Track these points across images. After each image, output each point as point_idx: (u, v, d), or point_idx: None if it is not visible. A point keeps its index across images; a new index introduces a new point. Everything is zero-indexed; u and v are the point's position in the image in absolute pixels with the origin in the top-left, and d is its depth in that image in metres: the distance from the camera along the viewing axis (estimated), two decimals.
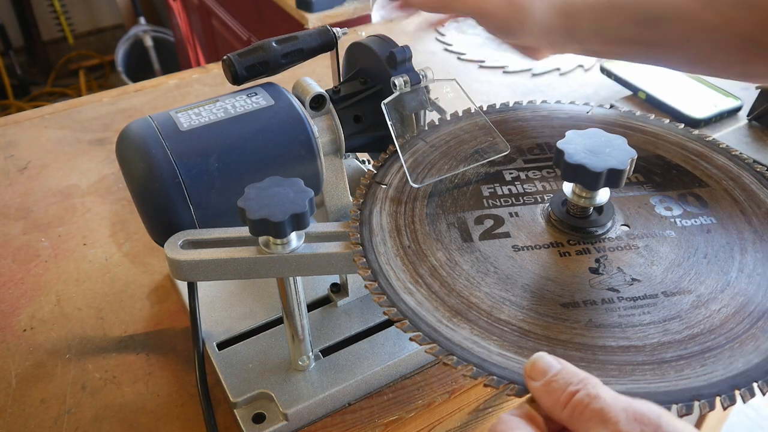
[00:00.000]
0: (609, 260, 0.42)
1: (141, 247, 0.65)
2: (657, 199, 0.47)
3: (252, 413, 0.47)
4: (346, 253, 0.42)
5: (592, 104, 0.58)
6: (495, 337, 0.37)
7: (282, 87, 0.50)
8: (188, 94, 0.91)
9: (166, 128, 0.45)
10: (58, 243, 0.66)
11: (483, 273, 0.41)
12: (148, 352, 0.54)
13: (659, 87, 0.83)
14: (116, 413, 0.49)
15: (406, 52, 0.51)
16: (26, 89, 2.95)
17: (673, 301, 0.39)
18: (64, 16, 3.02)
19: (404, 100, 0.52)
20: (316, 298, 0.56)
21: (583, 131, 0.43)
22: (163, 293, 0.60)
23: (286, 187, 0.40)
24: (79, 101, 0.91)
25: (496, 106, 0.59)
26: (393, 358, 0.50)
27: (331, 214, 0.54)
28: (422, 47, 1.02)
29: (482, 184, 0.49)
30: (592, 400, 0.29)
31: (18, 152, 0.80)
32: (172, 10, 2.32)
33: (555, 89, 0.88)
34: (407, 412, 0.49)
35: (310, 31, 0.51)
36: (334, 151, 0.52)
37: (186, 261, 0.42)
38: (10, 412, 0.50)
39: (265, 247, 0.42)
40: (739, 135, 0.77)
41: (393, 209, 0.46)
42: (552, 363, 0.32)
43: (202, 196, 0.45)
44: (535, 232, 0.44)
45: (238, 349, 0.51)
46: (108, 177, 0.76)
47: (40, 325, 0.57)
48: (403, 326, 0.37)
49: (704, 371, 0.35)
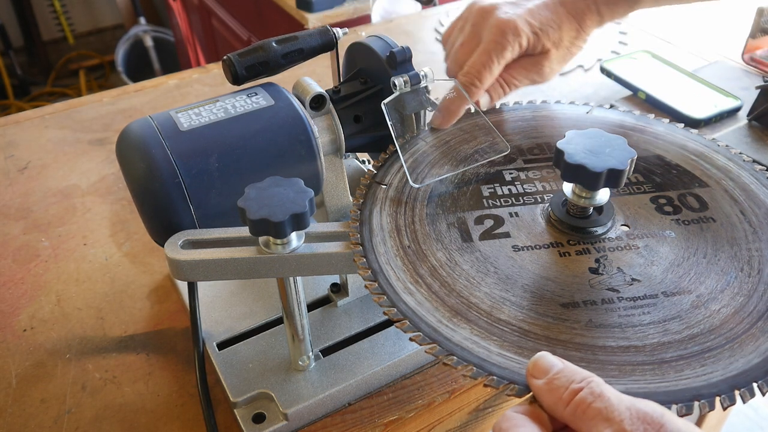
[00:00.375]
0: (609, 260, 0.42)
1: (141, 247, 0.65)
2: (657, 199, 0.47)
3: (252, 413, 0.47)
4: (346, 253, 0.42)
5: (592, 104, 0.58)
6: (495, 337, 0.37)
7: (282, 87, 0.50)
8: (188, 94, 0.91)
9: (166, 128, 0.45)
10: (58, 243, 0.66)
11: (483, 273, 0.41)
12: (148, 352, 0.54)
13: (659, 87, 0.83)
14: (116, 413, 0.49)
15: (406, 52, 0.51)
16: (26, 89, 2.95)
17: (673, 301, 0.39)
18: (64, 16, 3.02)
19: (404, 100, 0.52)
20: (316, 298, 0.56)
21: (583, 131, 0.43)
22: (163, 293, 0.60)
23: (286, 187, 0.40)
24: (79, 101, 0.91)
25: (496, 106, 0.59)
26: (393, 358, 0.50)
27: (331, 214, 0.54)
28: (422, 47, 1.02)
29: (482, 184, 0.49)
30: (596, 398, 0.29)
31: (18, 152, 0.80)
32: (172, 10, 2.32)
33: (555, 89, 0.88)
34: (407, 412, 0.49)
35: (310, 31, 0.51)
36: (334, 151, 0.52)
37: (186, 261, 0.42)
38: (10, 412, 0.50)
39: (265, 247, 0.42)
40: (739, 135, 0.77)
41: (393, 209, 0.46)
42: (554, 362, 0.32)
43: (202, 196, 0.45)
44: (535, 232, 0.44)
45: (238, 349, 0.51)
46: (108, 177, 0.76)
47: (40, 325, 0.57)
48: (403, 326, 0.37)
49: (704, 371, 0.35)
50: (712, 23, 1.04)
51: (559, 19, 0.57)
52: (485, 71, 0.53)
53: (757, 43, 0.90)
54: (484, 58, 0.53)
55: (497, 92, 0.57)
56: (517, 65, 0.57)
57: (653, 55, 0.90)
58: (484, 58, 0.53)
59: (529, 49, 0.56)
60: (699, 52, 0.96)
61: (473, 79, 0.53)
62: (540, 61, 0.57)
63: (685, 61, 0.92)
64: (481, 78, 0.53)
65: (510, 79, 0.57)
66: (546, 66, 0.57)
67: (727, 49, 0.95)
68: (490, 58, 0.53)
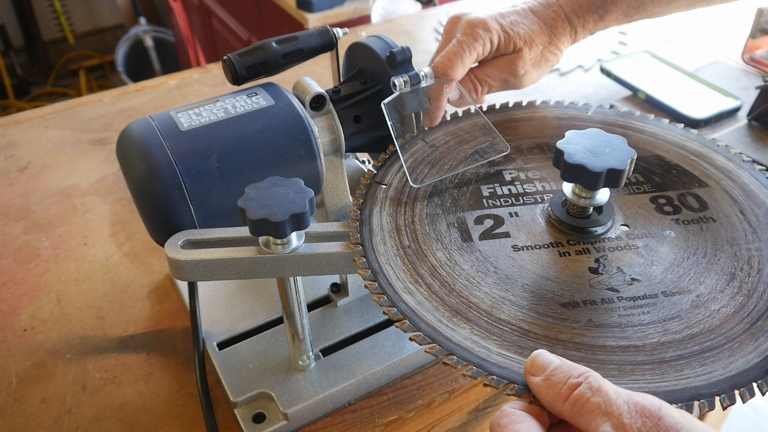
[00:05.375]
0: (609, 260, 0.42)
1: (141, 247, 0.65)
2: (657, 199, 0.47)
3: (252, 413, 0.47)
4: (346, 253, 0.42)
5: (592, 104, 0.58)
6: (495, 337, 0.37)
7: (282, 87, 0.50)
8: (188, 94, 0.91)
9: (166, 128, 0.45)
10: (58, 243, 0.66)
11: (483, 273, 0.41)
12: (148, 352, 0.54)
13: (659, 87, 0.83)
14: (116, 413, 0.49)
15: (406, 52, 0.51)
16: (26, 89, 2.95)
17: (673, 301, 0.39)
18: (65, 16, 3.02)
19: (404, 100, 0.52)
20: (316, 298, 0.56)
21: (583, 131, 0.43)
22: (163, 293, 0.60)
23: (286, 187, 0.40)
24: (79, 101, 0.91)
25: (496, 106, 0.59)
26: (393, 358, 0.50)
27: (331, 214, 0.54)
28: (422, 47, 1.02)
29: (482, 184, 0.49)
30: (594, 393, 0.29)
31: (18, 152, 0.80)
32: (172, 10, 2.32)
33: (555, 89, 0.88)
34: (407, 412, 0.49)
35: (310, 31, 0.51)
36: (334, 151, 0.52)
37: (186, 261, 0.42)
38: (11, 411, 0.50)
39: (265, 247, 0.42)
40: (739, 135, 0.77)
41: (393, 209, 0.46)
42: (551, 359, 0.33)
43: (202, 196, 0.45)
44: (535, 232, 0.44)
45: (238, 349, 0.51)
46: (108, 177, 0.76)
47: (41, 325, 0.57)
48: (403, 326, 0.38)
49: (704, 371, 0.35)
50: (712, 23, 1.04)
51: (529, 22, 0.59)
52: (456, 59, 0.54)
53: (756, 43, 0.90)
54: (455, 48, 0.55)
55: (468, 87, 0.58)
56: (491, 65, 0.58)
57: (653, 55, 0.90)
58: (455, 48, 0.55)
59: (501, 46, 0.57)
60: (699, 52, 0.96)
61: (444, 67, 0.53)
62: (513, 60, 0.58)
63: (685, 61, 0.92)
64: (452, 65, 0.54)
65: (483, 77, 0.58)
66: (520, 66, 0.58)
67: (727, 49, 0.96)
68: (461, 48, 0.55)
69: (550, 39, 0.59)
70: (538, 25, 0.59)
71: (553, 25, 0.59)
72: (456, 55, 0.54)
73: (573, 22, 0.60)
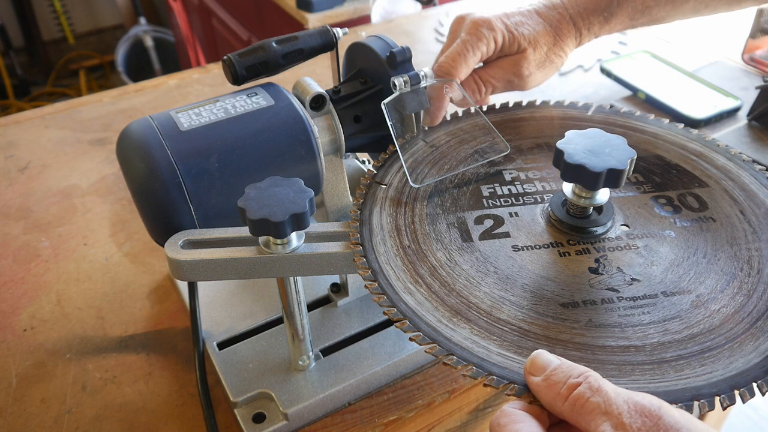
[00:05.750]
0: (609, 260, 0.42)
1: (141, 247, 0.65)
2: (657, 199, 0.47)
3: (252, 413, 0.47)
4: (346, 253, 0.42)
5: (592, 104, 0.58)
6: (495, 337, 0.37)
7: (282, 87, 0.50)
8: (188, 94, 0.91)
9: (166, 128, 0.45)
10: (58, 243, 0.66)
11: (483, 273, 0.41)
12: (148, 352, 0.54)
13: (659, 87, 0.83)
14: (116, 413, 0.49)
15: (406, 52, 0.51)
16: (26, 89, 2.95)
17: (673, 301, 0.39)
18: (65, 16, 3.02)
19: (404, 100, 0.52)
20: (316, 298, 0.56)
21: (583, 131, 0.43)
22: (163, 293, 0.60)
23: (286, 187, 0.40)
24: (79, 101, 0.91)
25: (496, 106, 0.59)
26: (393, 358, 0.50)
27: (331, 214, 0.54)
28: (422, 47, 1.02)
29: (482, 184, 0.49)
30: (594, 392, 0.29)
31: (18, 152, 0.80)
32: (172, 10, 2.32)
33: (555, 89, 0.88)
34: (407, 411, 0.49)
35: (310, 31, 0.51)
36: (334, 151, 0.52)
37: (186, 261, 0.42)
38: (11, 411, 0.50)
39: (265, 247, 0.42)
40: (739, 135, 0.77)
41: (393, 209, 0.46)
42: (551, 359, 0.33)
43: (202, 196, 0.45)
44: (535, 232, 0.44)
45: (238, 349, 0.51)
46: (108, 177, 0.76)
47: (41, 325, 0.57)
48: (403, 326, 0.38)
49: (704, 371, 0.35)
50: (712, 23, 1.04)
51: (533, 23, 0.58)
52: (460, 59, 0.54)
53: (756, 43, 0.90)
54: (459, 48, 0.55)
55: (472, 88, 0.57)
56: (495, 65, 0.58)
57: (653, 55, 0.90)
58: (459, 48, 0.55)
59: (505, 47, 0.57)
60: (699, 52, 0.96)
61: (448, 67, 0.53)
62: (518, 61, 0.58)
63: (685, 61, 0.92)
64: (456, 64, 0.53)
65: (487, 78, 0.58)
66: (524, 67, 0.58)
67: (727, 49, 0.95)
68: (465, 48, 0.54)
69: (554, 41, 0.59)
70: (543, 26, 0.58)
71: (557, 27, 0.59)
72: (460, 55, 0.54)
73: (578, 25, 0.60)
